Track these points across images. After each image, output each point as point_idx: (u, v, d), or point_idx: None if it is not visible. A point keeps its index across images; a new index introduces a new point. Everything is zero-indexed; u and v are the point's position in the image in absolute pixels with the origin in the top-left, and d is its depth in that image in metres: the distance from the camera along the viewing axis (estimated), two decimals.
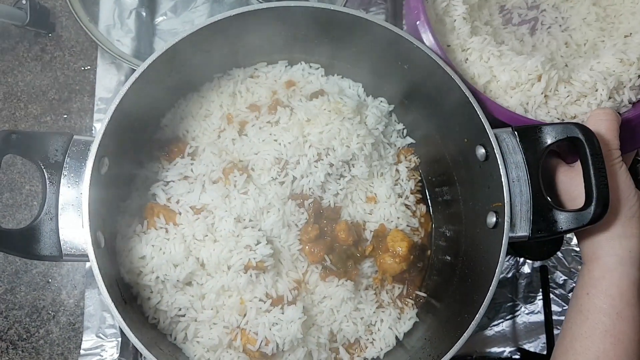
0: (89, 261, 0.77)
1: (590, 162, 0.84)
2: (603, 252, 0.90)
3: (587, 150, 0.84)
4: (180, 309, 0.94)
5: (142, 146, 0.99)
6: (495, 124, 0.89)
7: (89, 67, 1.22)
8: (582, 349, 0.87)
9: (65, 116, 1.20)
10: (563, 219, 0.85)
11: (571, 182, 0.93)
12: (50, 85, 1.21)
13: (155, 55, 0.84)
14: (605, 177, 0.83)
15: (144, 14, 1.24)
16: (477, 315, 0.84)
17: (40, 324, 1.12)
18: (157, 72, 0.88)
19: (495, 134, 0.87)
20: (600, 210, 0.82)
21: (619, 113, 0.96)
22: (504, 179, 0.85)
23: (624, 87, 0.99)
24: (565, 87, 0.99)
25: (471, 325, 0.84)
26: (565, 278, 1.25)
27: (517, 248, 1.20)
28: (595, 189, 0.83)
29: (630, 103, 1.00)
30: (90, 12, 1.18)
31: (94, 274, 0.76)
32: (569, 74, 1.00)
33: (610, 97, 0.98)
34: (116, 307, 0.77)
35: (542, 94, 0.98)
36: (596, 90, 0.97)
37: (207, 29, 0.88)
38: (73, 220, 0.79)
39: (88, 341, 1.08)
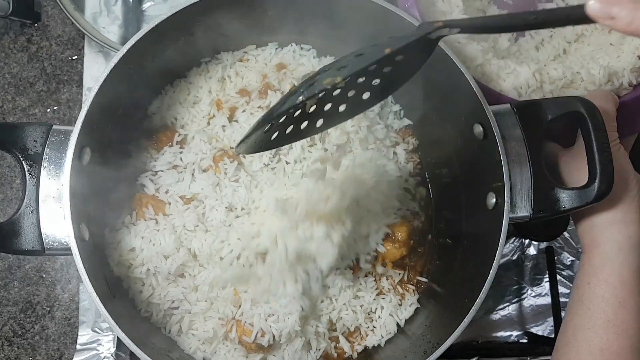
0: (72, 255, 0.75)
1: (593, 137, 0.80)
2: (603, 239, 0.86)
3: (590, 125, 0.80)
4: (173, 302, 0.92)
5: (129, 135, 0.96)
6: None
7: (76, 57, 1.19)
8: (584, 340, 0.84)
9: (55, 108, 1.17)
10: (566, 198, 0.81)
11: (572, 166, 0.89)
12: (37, 77, 1.18)
13: (135, 39, 0.81)
14: (609, 153, 0.80)
15: (130, 0, 1.20)
16: (477, 300, 0.81)
17: (35, 319, 1.10)
18: (139, 56, 0.85)
19: (493, 111, 0.83)
20: (605, 187, 0.79)
21: (618, 96, 0.93)
22: (502, 157, 0.82)
23: (624, 69, 0.96)
24: (556, 69, 0.96)
25: (472, 309, 0.81)
26: (573, 259, 1.21)
27: (522, 229, 1.16)
28: (599, 164, 0.79)
29: (630, 85, 0.96)
30: (75, 0, 1.15)
31: (78, 268, 0.74)
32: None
33: (608, 81, 0.95)
34: (102, 301, 0.75)
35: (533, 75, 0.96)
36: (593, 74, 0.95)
37: (190, 10, 0.85)
38: (55, 213, 0.76)
39: (84, 336, 1.07)
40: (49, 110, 1.17)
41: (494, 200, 0.84)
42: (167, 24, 0.84)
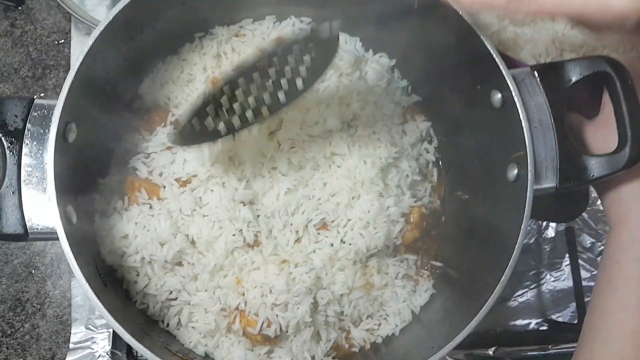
0: (58, 239, 0.68)
1: (622, 98, 0.74)
2: (631, 214, 0.80)
3: (619, 86, 0.74)
4: (171, 292, 0.85)
5: (119, 116, 0.90)
6: None
7: (62, 41, 1.13)
8: (614, 323, 0.77)
9: (42, 94, 1.12)
10: (594, 165, 0.75)
11: (598, 135, 0.83)
12: (22, 62, 1.12)
13: (121, 6, 0.75)
14: None
15: None
16: (501, 280, 0.75)
17: (25, 318, 1.04)
18: (126, 29, 0.79)
19: (512, 75, 0.77)
20: (637, 151, 0.73)
21: None
22: (524, 124, 0.75)
23: None
24: (577, 37, 0.91)
25: (495, 292, 0.75)
26: (593, 240, 1.15)
27: (539, 211, 1.10)
28: (630, 127, 0.73)
29: None
30: None
31: (64, 252, 0.67)
32: None
33: (632, 48, 0.89)
34: (93, 289, 0.68)
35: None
36: None
37: None
38: (39, 195, 0.70)
39: (77, 334, 1.01)
40: (35, 97, 1.10)
41: (516, 171, 0.78)
42: None
